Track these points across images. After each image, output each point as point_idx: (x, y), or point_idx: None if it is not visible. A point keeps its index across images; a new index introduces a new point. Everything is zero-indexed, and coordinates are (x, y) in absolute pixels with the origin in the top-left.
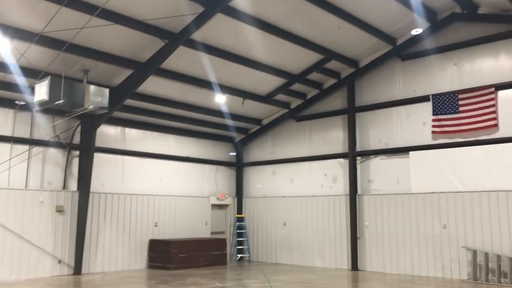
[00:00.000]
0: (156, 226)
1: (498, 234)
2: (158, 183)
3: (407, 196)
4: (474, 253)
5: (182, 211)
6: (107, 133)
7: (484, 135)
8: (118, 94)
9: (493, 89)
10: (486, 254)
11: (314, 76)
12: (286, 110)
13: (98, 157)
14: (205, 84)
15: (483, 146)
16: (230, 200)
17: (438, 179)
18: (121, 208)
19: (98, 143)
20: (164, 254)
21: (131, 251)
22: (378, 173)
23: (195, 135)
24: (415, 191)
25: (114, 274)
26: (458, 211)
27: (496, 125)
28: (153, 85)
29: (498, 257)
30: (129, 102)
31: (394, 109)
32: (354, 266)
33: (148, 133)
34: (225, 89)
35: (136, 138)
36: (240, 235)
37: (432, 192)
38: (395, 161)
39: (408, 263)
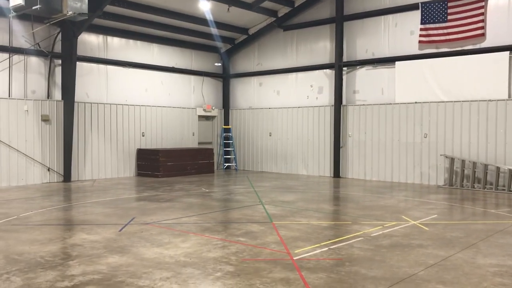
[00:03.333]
0: (143, 136)
1: (476, 143)
2: (143, 94)
3: (391, 106)
4: (452, 160)
5: (168, 122)
6: (89, 42)
7: (471, 45)
8: None
9: None
10: (463, 162)
11: None
12: (273, 19)
13: (81, 66)
14: None
15: (468, 56)
16: (216, 112)
17: (422, 89)
18: (107, 117)
19: (80, 51)
20: (152, 162)
21: (119, 159)
22: (364, 84)
23: (179, 45)
24: (398, 101)
25: (103, 181)
26: (439, 121)
27: (483, 35)
28: None
29: (474, 164)
30: (110, 8)
31: (382, 17)
32: (337, 173)
33: (131, 41)
34: None
35: (119, 47)
36: (227, 145)
37: (416, 102)
38: (381, 71)
39: (388, 171)
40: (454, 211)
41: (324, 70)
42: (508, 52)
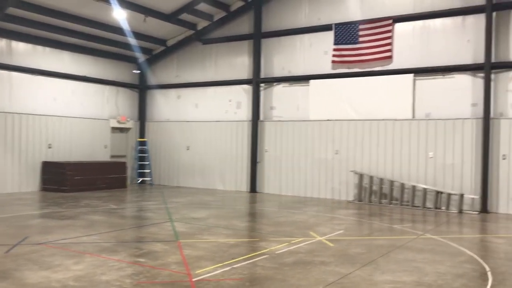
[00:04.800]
0: (49, 147)
1: (383, 160)
2: (52, 103)
3: (305, 123)
4: (361, 176)
5: (79, 133)
6: None
7: (379, 67)
8: None
9: (391, 21)
10: (371, 178)
11: None
12: (192, 32)
13: None
14: None
15: (377, 77)
16: (132, 124)
17: (334, 107)
18: (9, 128)
19: None
20: (58, 176)
21: (22, 173)
22: (280, 100)
23: (93, 53)
24: (312, 118)
25: (3, 196)
26: (350, 138)
27: (390, 57)
28: None
29: (381, 180)
30: (15, 11)
31: (298, 36)
32: (253, 188)
33: (39, 47)
34: (125, 3)
35: (25, 52)
36: (142, 159)
37: (328, 120)
38: (296, 88)
39: (302, 186)
40: (360, 226)
41: (243, 85)
42: (412, 74)
